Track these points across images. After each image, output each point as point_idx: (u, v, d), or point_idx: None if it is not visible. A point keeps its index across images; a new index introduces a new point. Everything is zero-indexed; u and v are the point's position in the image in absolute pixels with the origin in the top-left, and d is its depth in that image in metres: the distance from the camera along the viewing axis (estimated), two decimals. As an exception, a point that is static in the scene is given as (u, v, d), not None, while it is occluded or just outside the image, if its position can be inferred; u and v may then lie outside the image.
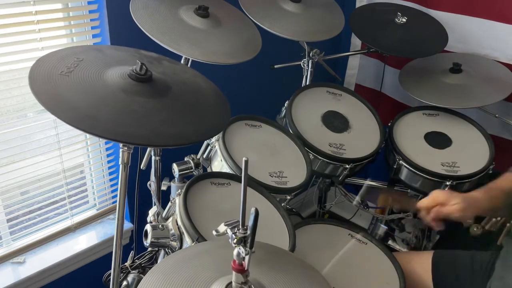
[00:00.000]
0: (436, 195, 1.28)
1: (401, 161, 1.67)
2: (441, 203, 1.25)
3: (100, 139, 1.70)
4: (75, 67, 1.07)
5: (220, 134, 1.40)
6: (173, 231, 1.15)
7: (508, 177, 1.31)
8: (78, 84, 1.03)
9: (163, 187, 1.48)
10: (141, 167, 1.50)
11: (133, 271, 1.41)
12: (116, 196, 1.82)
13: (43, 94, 0.96)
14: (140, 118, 1.01)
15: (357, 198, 1.79)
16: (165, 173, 1.50)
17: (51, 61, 1.07)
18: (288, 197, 1.40)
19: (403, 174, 1.71)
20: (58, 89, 0.99)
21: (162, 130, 1.02)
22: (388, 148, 1.76)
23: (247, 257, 0.80)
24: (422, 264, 1.44)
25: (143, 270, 1.43)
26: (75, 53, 1.13)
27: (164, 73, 1.19)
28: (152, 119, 1.03)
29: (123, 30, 1.53)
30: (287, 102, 1.68)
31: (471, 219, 1.28)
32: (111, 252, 1.15)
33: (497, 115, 1.86)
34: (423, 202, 1.30)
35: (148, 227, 1.16)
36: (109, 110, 0.99)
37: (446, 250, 1.50)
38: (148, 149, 1.47)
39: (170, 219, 1.19)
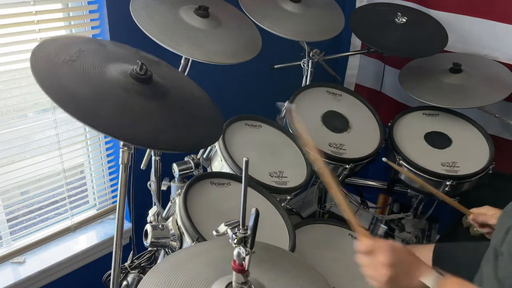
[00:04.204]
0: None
1: (401, 161, 1.67)
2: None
3: (100, 139, 1.70)
4: (77, 56, 1.06)
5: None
6: (173, 231, 1.15)
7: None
8: (80, 74, 1.01)
9: (163, 187, 1.48)
10: (141, 167, 1.50)
11: (133, 271, 1.41)
12: (116, 196, 1.81)
13: (45, 80, 0.93)
14: (140, 119, 1.01)
15: None
16: (165, 173, 1.50)
17: (53, 47, 1.04)
18: (288, 197, 1.40)
19: (403, 174, 1.71)
20: (61, 78, 0.97)
21: (162, 132, 1.02)
22: (388, 148, 1.76)
23: (247, 257, 0.80)
24: (423, 257, 1.43)
25: (143, 270, 1.43)
26: (78, 43, 1.11)
27: (163, 76, 1.19)
28: (152, 120, 1.03)
29: (123, 30, 1.53)
30: (287, 102, 1.68)
31: None
32: (111, 252, 1.15)
33: (497, 115, 1.86)
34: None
35: (148, 227, 1.16)
36: (110, 106, 0.98)
37: (447, 243, 1.48)
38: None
39: (170, 219, 1.19)
